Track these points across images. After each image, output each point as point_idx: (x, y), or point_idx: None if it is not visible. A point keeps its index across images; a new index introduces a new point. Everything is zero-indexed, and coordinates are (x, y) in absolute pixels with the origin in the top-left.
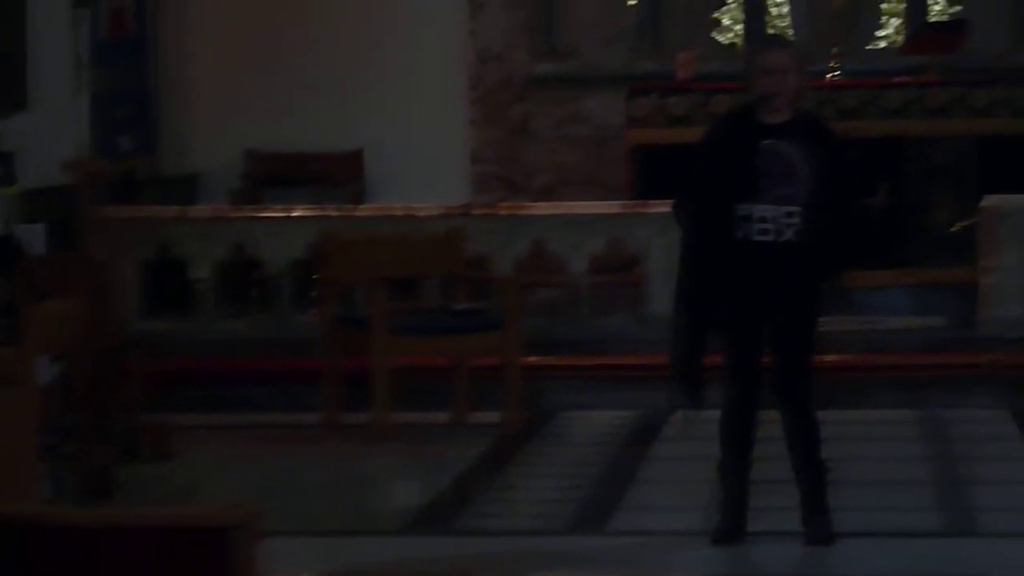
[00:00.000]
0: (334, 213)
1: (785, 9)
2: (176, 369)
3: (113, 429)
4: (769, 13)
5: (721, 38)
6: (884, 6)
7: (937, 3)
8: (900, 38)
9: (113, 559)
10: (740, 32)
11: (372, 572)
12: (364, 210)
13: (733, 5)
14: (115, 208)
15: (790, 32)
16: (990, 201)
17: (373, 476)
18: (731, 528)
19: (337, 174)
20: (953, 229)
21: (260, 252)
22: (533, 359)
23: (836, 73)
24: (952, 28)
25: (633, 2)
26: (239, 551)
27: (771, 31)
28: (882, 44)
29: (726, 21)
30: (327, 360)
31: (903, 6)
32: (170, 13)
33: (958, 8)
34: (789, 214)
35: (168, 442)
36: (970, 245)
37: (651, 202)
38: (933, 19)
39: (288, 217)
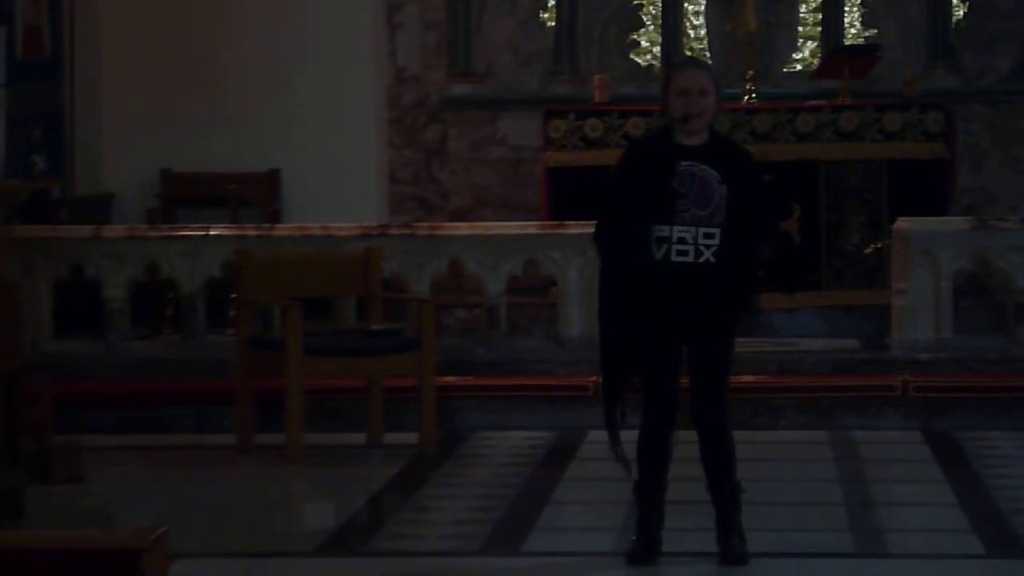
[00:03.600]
0: (251, 232)
1: (702, 32)
2: (88, 391)
3: (24, 451)
4: (686, 35)
5: (638, 59)
6: (800, 29)
7: (853, 27)
8: (815, 61)
9: None
10: (657, 54)
11: None
12: (281, 230)
13: (650, 27)
14: (28, 228)
15: (706, 55)
16: (901, 224)
17: (287, 497)
18: (646, 549)
19: (254, 194)
20: (866, 251)
21: (174, 272)
22: (449, 379)
23: (752, 96)
24: (865, 52)
25: (550, 24)
26: (151, 573)
27: (688, 53)
28: (797, 67)
29: (643, 43)
30: (241, 381)
31: (819, 30)
32: (85, 33)
33: (873, 32)
34: (707, 235)
35: (79, 464)
36: (882, 267)
37: (568, 223)
38: (847, 43)
39: (204, 236)
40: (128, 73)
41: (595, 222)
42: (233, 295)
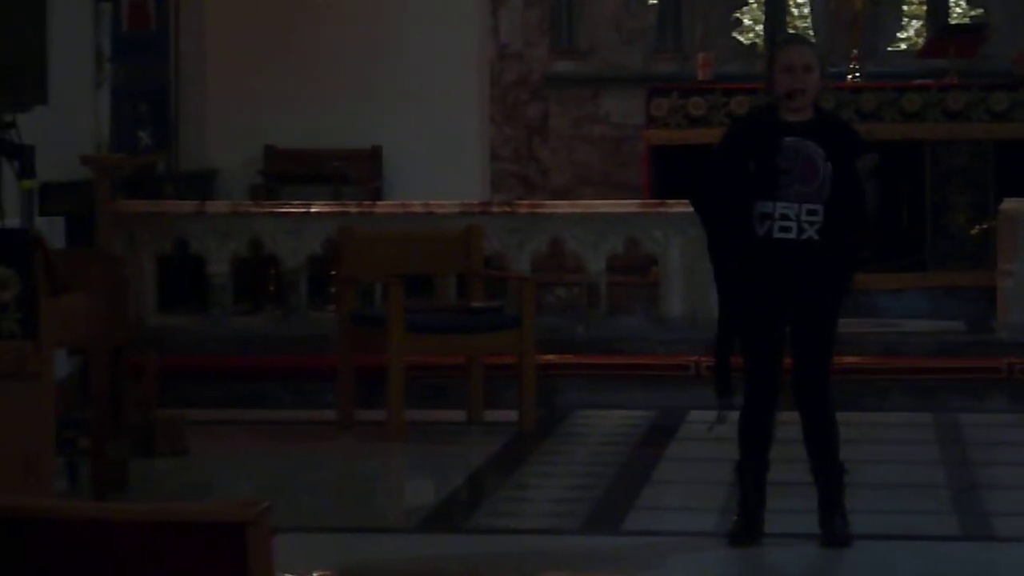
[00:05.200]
0: (353, 210)
1: (806, 10)
2: (191, 365)
3: (128, 424)
4: (790, 14)
5: (741, 38)
6: (905, 8)
7: (958, 6)
8: (920, 41)
9: (127, 554)
10: (760, 33)
11: (385, 570)
12: (383, 207)
13: (753, 5)
14: (133, 203)
15: (810, 33)
16: (1008, 205)
17: (387, 474)
18: (748, 529)
19: (355, 171)
20: (971, 232)
21: (277, 249)
22: (549, 358)
23: (856, 75)
24: (972, 31)
25: (653, 1)
26: (252, 547)
27: (792, 31)
28: (902, 47)
29: (746, 21)
30: (342, 357)
31: (924, 9)
32: (190, 8)
33: (979, 11)
34: (811, 212)
35: (182, 438)
36: (988, 249)
37: (669, 202)
38: (953, 22)
39: (306, 213)
40: (232, 49)
41: (692, 189)
42: (334, 272)
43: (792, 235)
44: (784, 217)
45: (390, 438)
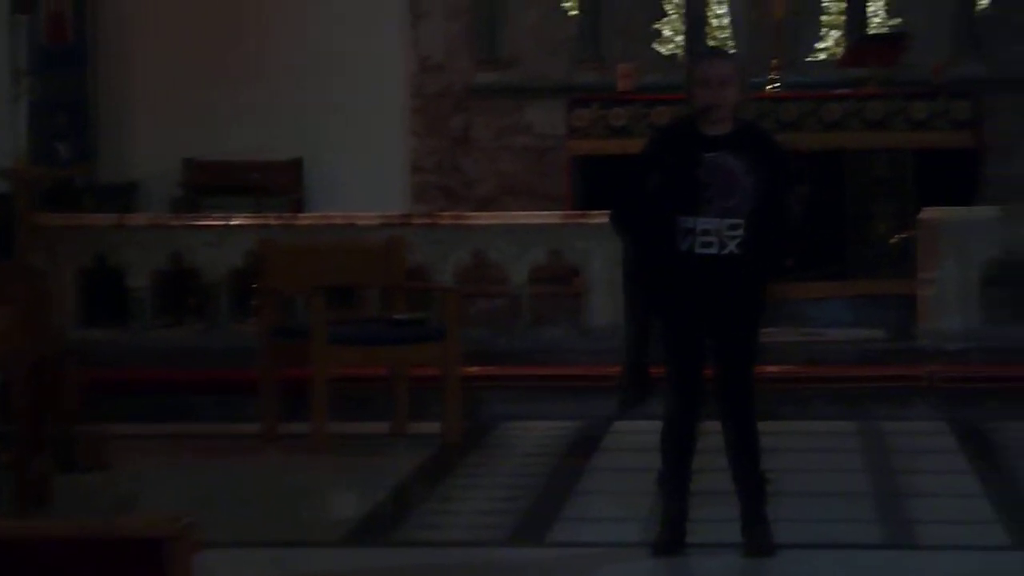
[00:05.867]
0: (274, 222)
1: (726, 21)
2: (114, 379)
3: (50, 439)
4: (710, 24)
5: (662, 49)
6: (824, 18)
7: (877, 15)
8: (840, 50)
9: (50, 570)
10: (681, 43)
11: None
12: (305, 219)
13: (673, 16)
14: (53, 216)
15: (730, 44)
16: (928, 214)
17: (312, 487)
18: (671, 539)
19: (277, 183)
20: (892, 241)
21: (198, 261)
22: (473, 369)
23: (776, 85)
24: (891, 40)
25: (574, 12)
26: (176, 562)
27: (712, 42)
28: (822, 56)
29: (667, 32)
30: (265, 370)
31: (843, 18)
32: (109, 21)
33: (898, 20)
34: (732, 226)
35: (105, 452)
36: (909, 257)
37: (592, 213)
38: (872, 31)
39: (227, 226)
40: (153, 62)
41: (613, 206)
42: (256, 284)
43: (714, 250)
44: (706, 232)
45: (314, 451)
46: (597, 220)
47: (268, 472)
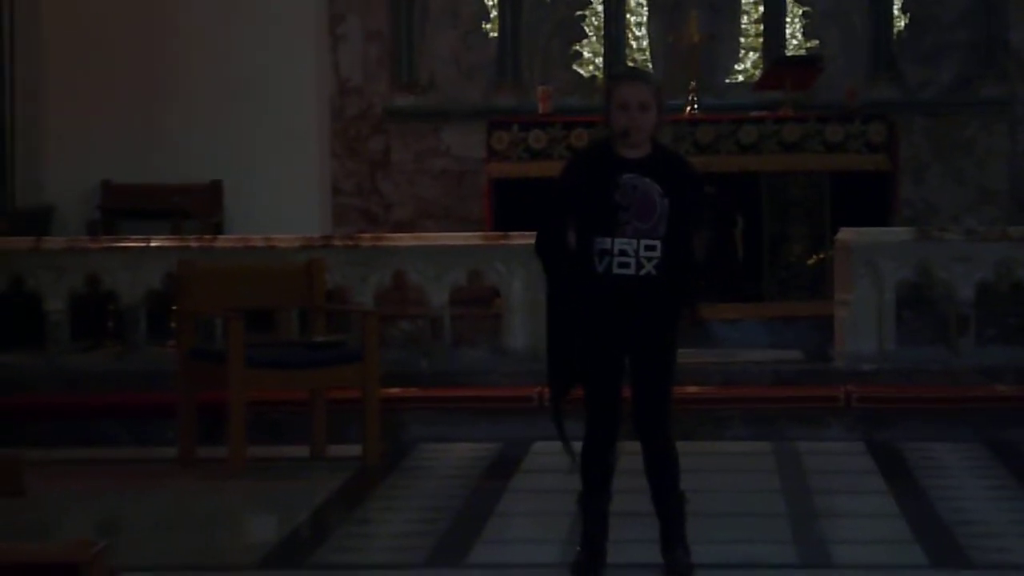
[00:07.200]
0: (193, 244)
1: (644, 43)
2: (28, 404)
3: None
4: (629, 46)
5: (581, 71)
6: (742, 40)
7: (795, 38)
8: (757, 73)
9: None
10: (600, 65)
11: None
12: (223, 241)
13: (593, 38)
14: None
15: (649, 66)
16: (844, 235)
17: (229, 511)
18: (591, 560)
19: (195, 206)
20: (808, 263)
21: (115, 284)
22: (393, 391)
23: (694, 108)
24: (807, 63)
25: (493, 35)
26: None
27: (630, 64)
28: (739, 79)
29: (586, 54)
30: (182, 393)
31: (760, 41)
32: (26, 44)
33: (814, 43)
34: (649, 248)
35: (19, 477)
36: (825, 279)
37: (512, 234)
38: (789, 54)
39: (145, 248)
40: (69, 85)
41: (536, 232)
42: (174, 307)
43: (631, 271)
44: (623, 253)
45: (232, 475)
46: (517, 242)
47: (185, 496)
